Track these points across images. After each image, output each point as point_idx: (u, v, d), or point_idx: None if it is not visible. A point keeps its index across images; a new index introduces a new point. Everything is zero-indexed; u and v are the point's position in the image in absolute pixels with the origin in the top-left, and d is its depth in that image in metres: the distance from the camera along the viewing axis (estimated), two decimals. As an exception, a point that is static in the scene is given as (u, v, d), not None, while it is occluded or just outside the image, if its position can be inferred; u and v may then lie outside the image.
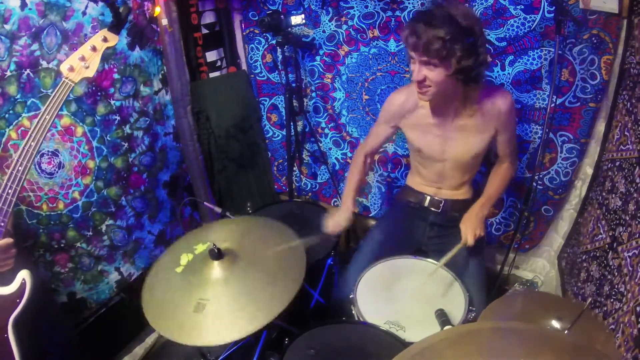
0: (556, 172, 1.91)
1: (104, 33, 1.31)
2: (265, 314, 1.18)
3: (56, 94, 1.23)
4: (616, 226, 1.38)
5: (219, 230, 1.52)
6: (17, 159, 1.18)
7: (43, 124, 1.20)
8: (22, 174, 1.18)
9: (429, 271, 1.58)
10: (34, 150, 1.19)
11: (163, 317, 1.23)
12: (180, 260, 1.38)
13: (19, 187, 1.18)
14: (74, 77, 1.26)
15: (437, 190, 1.73)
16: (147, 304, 1.28)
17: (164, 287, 1.33)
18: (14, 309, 1.20)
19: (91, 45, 1.29)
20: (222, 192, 2.51)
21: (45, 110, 1.21)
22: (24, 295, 1.21)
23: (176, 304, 1.25)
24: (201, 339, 1.16)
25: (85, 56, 1.27)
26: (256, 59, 2.44)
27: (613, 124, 1.57)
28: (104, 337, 1.95)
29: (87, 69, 1.28)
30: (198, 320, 1.19)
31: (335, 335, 1.37)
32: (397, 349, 1.26)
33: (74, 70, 1.26)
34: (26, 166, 1.18)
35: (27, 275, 1.23)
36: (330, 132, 2.43)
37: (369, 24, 2.02)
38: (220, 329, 1.17)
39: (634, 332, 1.10)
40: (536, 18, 1.67)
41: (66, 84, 1.25)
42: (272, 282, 1.28)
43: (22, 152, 1.18)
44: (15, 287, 1.22)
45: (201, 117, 2.30)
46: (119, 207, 1.96)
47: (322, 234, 1.65)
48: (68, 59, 1.27)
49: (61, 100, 1.23)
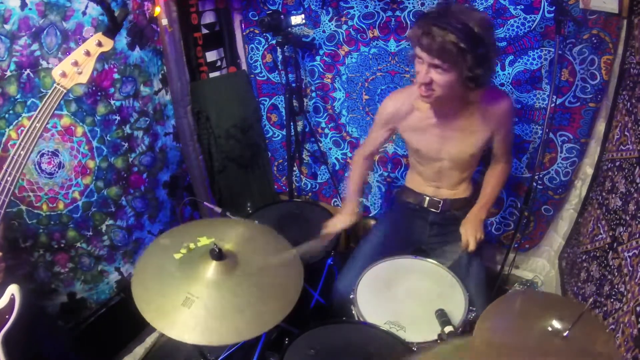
0: (556, 172, 1.91)
1: (98, 37, 1.26)
2: (246, 331, 1.16)
3: (47, 100, 1.18)
4: (616, 226, 1.38)
5: (227, 231, 1.48)
6: (5, 168, 1.14)
7: (33, 132, 1.16)
8: (10, 184, 1.14)
9: (429, 271, 1.58)
10: (24, 160, 1.15)
11: (152, 301, 1.20)
12: (181, 248, 1.36)
13: (7, 198, 1.14)
14: (66, 84, 1.22)
15: (435, 190, 1.73)
16: (137, 283, 1.25)
17: (157, 269, 1.30)
18: (3, 325, 1.17)
19: (85, 50, 1.24)
20: (222, 192, 2.51)
21: (35, 117, 1.16)
22: (13, 310, 1.19)
23: (166, 291, 1.23)
24: (181, 333, 1.14)
25: (79, 61, 1.22)
26: (256, 59, 2.44)
27: (613, 124, 1.57)
28: (104, 337, 1.95)
29: (80, 75, 1.24)
30: (183, 314, 1.17)
31: (335, 335, 1.37)
32: (397, 349, 1.27)
33: (66, 76, 1.21)
34: (15, 176, 1.14)
35: (16, 290, 1.21)
36: (330, 132, 2.43)
37: (369, 24, 2.02)
38: (197, 330, 1.14)
39: (634, 332, 1.10)
40: (536, 18, 1.67)
41: (58, 90, 1.20)
42: (262, 301, 1.25)
43: (11, 162, 1.14)
44: (4, 303, 1.19)
45: (201, 117, 2.30)
46: (119, 207, 1.96)
47: (318, 237, 1.65)
48: (60, 64, 1.22)
49: (52, 107, 1.19)
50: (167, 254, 1.35)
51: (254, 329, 1.18)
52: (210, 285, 1.25)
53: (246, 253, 1.38)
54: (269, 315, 1.21)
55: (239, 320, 1.18)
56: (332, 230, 1.68)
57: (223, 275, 1.28)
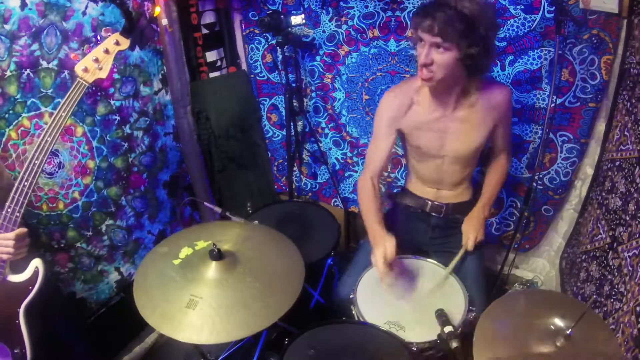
0: (556, 172, 1.91)
1: (116, 37, 1.36)
2: (251, 326, 1.17)
3: (72, 93, 1.29)
4: (616, 226, 1.38)
5: (223, 232, 1.50)
6: (33, 152, 1.24)
7: (59, 121, 1.27)
8: (37, 167, 1.24)
9: (429, 271, 1.58)
10: (50, 145, 1.25)
11: (154, 306, 1.22)
12: (179, 253, 1.38)
13: (34, 180, 1.24)
14: (89, 78, 1.32)
15: (437, 193, 1.71)
16: (139, 290, 1.27)
17: (158, 276, 1.32)
18: (26, 296, 1.26)
19: (104, 48, 1.34)
20: (222, 192, 2.51)
21: (61, 107, 1.27)
22: (37, 282, 1.27)
23: (169, 295, 1.25)
24: (188, 334, 1.15)
25: (99, 58, 1.33)
26: (256, 59, 2.44)
27: (613, 124, 1.57)
28: (104, 337, 1.95)
29: (101, 70, 1.34)
30: (189, 316, 1.18)
31: (335, 335, 1.37)
32: (397, 349, 1.27)
33: (88, 72, 1.32)
34: (42, 160, 1.24)
35: (40, 263, 1.29)
36: (330, 132, 2.43)
37: (369, 24, 2.02)
38: (205, 330, 1.15)
39: (634, 332, 1.11)
40: (536, 18, 1.67)
41: (81, 84, 1.31)
42: (267, 294, 1.26)
43: (39, 147, 1.24)
44: (28, 275, 1.28)
45: (201, 117, 2.30)
46: (119, 207, 1.96)
47: None
48: (82, 60, 1.32)
49: (76, 98, 1.30)
50: (166, 260, 1.36)
51: (261, 321, 1.19)
52: (213, 285, 1.27)
53: (245, 251, 1.39)
54: (275, 307, 1.22)
55: (245, 315, 1.19)
56: (387, 262, 1.46)
57: (224, 274, 1.29)
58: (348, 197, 2.55)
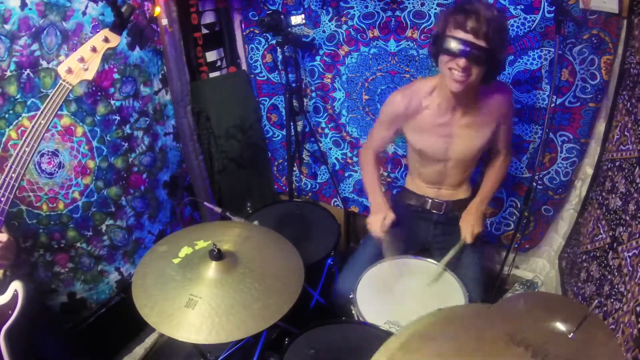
0: (556, 172, 1.91)
1: (105, 33, 1.24)
2: (250, 327, 1.17)
3: (52, 97, 1.19)
4: (616, 226, 1.38)
5: (223, 232, 1.50)
6: (10, 165, 1.15)
7: (38, 129, 1.16)
8: (14, 181, 1.15)
9: (429, 271, 1.58)
10: (28, 156, 1.16)
11: (153, 304, 1.21)
12: (179, 252, 1.37)
13: (11, 194, 1.15)
14: (72, 80, 1.21)
15: (437, 192, 1.72)
16: (138, 288, 1.26)
17: (158, 274, 1.31)
18: (5, 320, 1.18)
19: (91, 46, 1.22)
20: (222, 192, 2.51)
21: (40, 114, 1.17)
22: (16, 306, 1.19)
23: (168, 294, 1.24)
24: (187, 334, 1.14)
25: (85, 57, 1.22)
26: (256, 59, 2.44)
27: (613, 124, 1.57)
28: (104, 337, 1.95)
29: (86, 71, 1.23)
30: (188, 315, 1.17)
31: (335, 335, 1.37)
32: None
33: (72, 73, 1.21)
34: (19, 172, 1.15)
35: (20, 286, 1.22)
36: (330, 132, 2.43)
37: (369, 24, 2.02)
38: (204, 329, 1.15)
39: (634, 332, 1.10)
40: (536, 18, 1.67)
41: (63, 86, 1.20)
42: (266, 295, 1.25)
43: (16, 159, 1.15)
44: (8, 299, 1.20)
45: (201, 117, 2.30)
46: (119, 207, 1.96)
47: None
48: (66, 60, 1.22)
49: (58, 103, 1.19)
50: (165, 259, 1.36)
51: (261, 322, 1.18)
52: (212, 285, 1.26)
53: (245, 251, 1.39)
54: (274, 307, 1.22)
55: (245, 316, 1.19)
56: (383, 230, 1.58)
57: (224, 274, 1.29)
58: (348, 197, 2.55)
